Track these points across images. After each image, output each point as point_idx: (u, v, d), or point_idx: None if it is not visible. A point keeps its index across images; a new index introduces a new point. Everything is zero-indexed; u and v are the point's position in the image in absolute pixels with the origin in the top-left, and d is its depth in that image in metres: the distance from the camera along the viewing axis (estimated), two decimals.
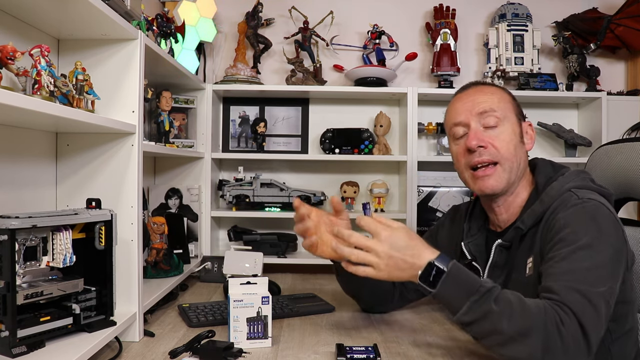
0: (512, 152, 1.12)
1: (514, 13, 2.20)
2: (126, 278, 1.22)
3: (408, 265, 0.99)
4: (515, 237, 1.11)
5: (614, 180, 1.25)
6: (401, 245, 1.00)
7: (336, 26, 2.28)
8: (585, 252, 0.95)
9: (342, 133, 2.13)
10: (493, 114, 1.13)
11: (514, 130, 1.14)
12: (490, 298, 0.92)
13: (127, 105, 1.23)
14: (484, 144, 1.12)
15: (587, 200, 1.02)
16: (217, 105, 2.21)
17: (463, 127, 1.16)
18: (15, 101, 0.77)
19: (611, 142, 1.31)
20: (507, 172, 1.12)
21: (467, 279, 0.96)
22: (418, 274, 0.98)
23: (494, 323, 0.90)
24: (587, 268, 0.93)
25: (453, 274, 0.96)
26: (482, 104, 1.14)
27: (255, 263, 1.62)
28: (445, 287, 0.95)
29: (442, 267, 0.96)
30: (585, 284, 0.91)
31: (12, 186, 1.13)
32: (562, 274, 0.94)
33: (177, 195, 2.00)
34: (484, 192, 1.15)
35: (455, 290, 0.95)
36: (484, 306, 0.91)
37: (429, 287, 0.97)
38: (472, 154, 1.13)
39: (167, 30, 1.61)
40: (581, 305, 0.89)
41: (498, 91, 1.18)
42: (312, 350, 1.14)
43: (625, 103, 2.16)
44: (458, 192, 2.14)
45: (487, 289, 0.93)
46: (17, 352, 0.90)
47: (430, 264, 0.97)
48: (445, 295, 0.96)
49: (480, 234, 1.24)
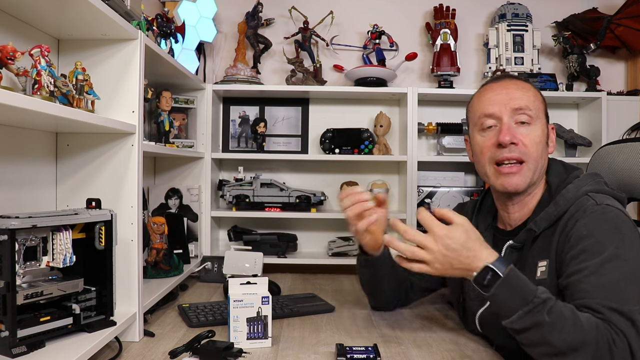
0: (539, 152, 1.11)
1: (514, 13, 2.20)
2: (126, 278, 1.22)
3: (464, 266, 0.98)
4: (527, 238, 1.10)
5: (615, 181, 1.25)
6: (456, 246, 0.98)
7: (336, 26, 2.28)
8: (613, 263, 0.93)
9: (342, 133, 2.13)
10: (527, 111, 1.10)
11: (543, 131, 1.13)
12: (543, 310, 0.90)
13: (127, 105, 1.23)
14: (516, 141, 1.09)
15: (606, 207, 1.01)
16: (217, 105, 2.21)
17: (494, 120, 1.13)
18: (15, 101, 0.77)
19: (612, 143, 1.31)
20: (531, 172, 1.11)
21: (524, 287, 0.93)
22: (473, 275, 0.97)
23: (544, 335, 0.89)
24: (619, 281, 0.92)
25: (509, 280, 0.93)
26: (519, 100, 1.11)
27: (255, 263, 1.62)
28: (499, 293, 0.93)
29: (499, 271, 0.94)
30: (624, 303, 0.89)
31: (12, 186, 1.13)
32: (596, 291, 0.92)
33: (177, 195, 2.00)
34: (506, 189, 1.13)
35: (509, 297, 0.93)
36: (536, 317, 0.89)
37: (483, 290, 0.95)
38: (501, 149, 1.10)
39: (167, 30, 1.61)
40: (627, 327, 0.88)
41: (533, 89, 1.16)
42: (312, 350, 1.14)
43: (625, 103, 2.16)
44: (458, 192, 2.14)
45: (541, 300, 0.91)
46: (17, 352, 0.90)
47: (487, 267, 0.95)
48: (498, 300, 0.94)
49: (487, 232, 1.23)
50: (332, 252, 2.11)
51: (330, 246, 2.13)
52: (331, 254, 2.11)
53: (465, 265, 0.98)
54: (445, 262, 0.99)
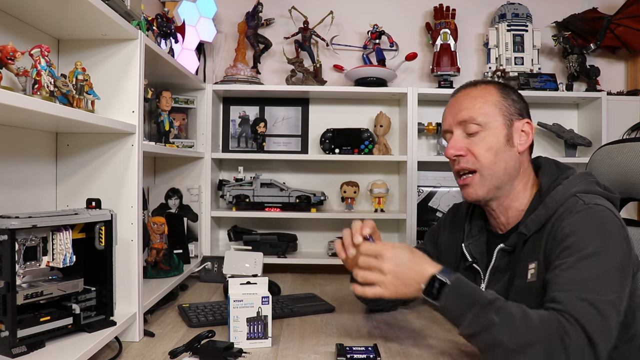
0: (492, 159, 1.10)
1: (514, 13, 2.20)
2: (126, 278, 1.22)
3: (413, 280, 1.00)
4: (518, 241, 1.10)
5: (615, 181, 1.25)
6: (404, 260, 1.02)
7: (336, 26, 2.28)
8: (592, 260, 0.93)
9: (342, 133, 2.13)
10: (472, 122, 1.11)
11: (497, 135, 1.11)
12: (491, 310, 0.91)
13: (127, 105, 1.23)
14: (462, 152, 1.12)
15: (594, 206, 1.00)
16: (217, 105, 2.21)
17: (449, 133, 1.17)
18: (15, 101, 0.77)
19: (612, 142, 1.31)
20: (487, 180, 1.11)
21: (470, 291, 0.97)
22: (422, 288, 0.99)
23: (495, 335, 0.90)
24: (594, 276, 0.92)
25: (455, 287, 0.97)
26: (463, 112, 1.13)
27: (255, 263, 1.62)
28: (448, 300, 0.96)
29: (445, 279, 0.97)
30: (594, 293, 0.90)
31: (12, 186, 1.13)
32: (568, 283, 0.93)
33: (177, 195, 2.00)
34: (467, 199, 1.17)
35: (458, 302, 0.96)
36: (486, 318, 0.91)
37: (434, 300, 0.98)
38: (453, 162, 1.15)
39: (167, 30, 1.61)
40: (589, 315, 0.88)
41: (485, 94, 1.14)
42: (312, 350, 1.14)
43: (625, 103, 2.16)
44: (458, 192, 2.13)
45: (489, 300, 0.93)
46: (17, 352, 0.90)
47: (434, 277, 0.98)
48: (448, 307, 0.97)
49: (481, 235, 1.23)
50: (332, 252, 2.11)
51: (330, 246, 2.13)
52: (331, 254, 2.11)
53: (415, 279, 1.00)
54: (396, 280, 1.01)
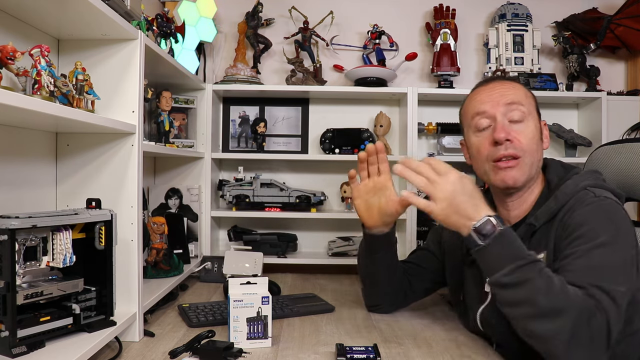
0: (534, 148, 1.13)
1: (514, 13, 2.20)
2: (126, 278, 1.22)
3: (467, 213, 1.00)
4: (526, 233, 1.11)
5: (613, 181, 1.25)
6: (468, 190, 1.01)
7: (336, 26, 2.28)
8: (605, 249, 0.95)
9: (342, 133, 2.13)
10: (520, 107, 1.13)
11: (537, 127, 1.15)
12: (535, 268, 0.93)
13: (127, 105, 1.23)
14: (511, 138, 1.12)
15: (604, 199, 1.03)
16: (217, 105, 2.21)
17: (487, 119, 1.15)
18: (15, 101, 0.77)
19: (610, 143, 1.31)
20: (528, 167, 1.13)
21: (519, 245, 0.98)
22: (472, 225, 0.99)
23: (531, 293, 0.91)
24: (607, 266, 0.93)
25: (506, 235, 0.97)
26: (511, 95, 1.14)
27: (255, 263, 1.62)
28: (495, 244, 0.97)
29: (498, 226, 0.98)
30: (609, 282, 0.91)
31: (12, 186, 1.13)
32: (583, 270, 0.94)
33: (177, 195, 2.00)
34: (506, 184, 1.14)
35: (504, 250, 0.96)
36: (527, 273, 0.92)
37: (481, 239, 0.98)
38: (497, 147, 1.13)
39: (167, 30, 1.61)
40: (608, 304, 0.89)
41: (522, 87, 1.19)
42: (312, 350, 1.14)
43: (625, 103, 2.16)
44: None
45: (534, 259, 0.94)
46: (17, 352, 0.90)
47: (488, 219, 0.98)
48: (492, 252, 0.97)
49: None
50: (332, 252, 2.11)
51: (330, 246, 2.13)
52: (331, 254, 2.11)
53: (469, 213, 1.00)
54: (453, 204, 1.01)
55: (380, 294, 1.41)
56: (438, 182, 1.02)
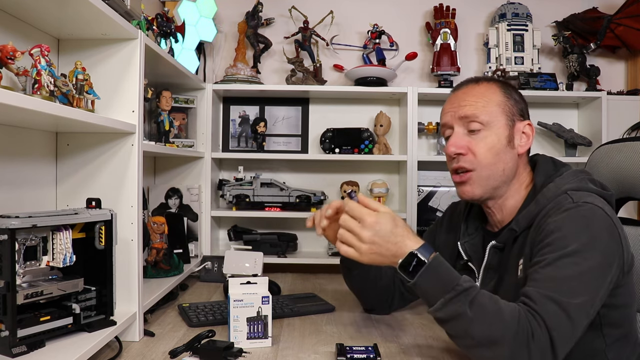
0: (491, 160, 1.09)
1: (514, 13, 2.20)
2: (126, 278, 1.22)
3: (390, 253, 0.99)
4: (509, 238, 1.10)
5: (613, 180, 1.25)
6: (385, 232, 0.99)
7: (336, 26, 2.28)
8: (572, 258, 0.93)
9: (342, 133, 2.13)
10: (475, 119, 1.10)
11: (499, 135, 1.10)
12: (465, 299, 0.91)
13: (127, 105, 1.23)
14: (463, 151, 1.10)
15: (582, 204, 0.99)
16: (217, 105, 2.21)
17: (449, 129, 1.15)
18: (15, 101, 0.77)
19: (611, 142, 1.31)
20: (484, 180, 1.10)
21: (447, 274, 0.95)
22: (398, 262, 0.98)
23: (464, 325, 0.90)
24: (570, 277, 0.91)
25: (433, 267, 0.95)
26: (466, 108, 1.11)
27: (255, 263, 1.62)
28: (423, 279, 0.95)
29: (423, 258, 0.96)
30: (566, 295, 0.90)
31: (13, 186, 1.13)
32: (544, 281, 0.92)
33: (177, 195, 2.00)
34: (462, 198, 1.15)
35: (433, 283, 0.95)
36: (457, 306, 0.91)
37: (408, 277, 0.97)
38: (452, 159, 1.13)
39: (167, 30, 1.61)
40: (556, 318, 0.88)
41: (488, 92, 1.13)
42: (312, 350, 1.14)
43: (625, 103, 2.16)
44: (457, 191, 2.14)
45: (463, 288, 0.92)
46: (17, 352, 0.90)
47: (412, 254, 0.96)
48: (422, 287, 0.96)
49: (477, 234, 1.22)
50: (332, 252, 2.11)
51: (330, 246, 2.13)
52: (331, 254, 2.11)
53: (392, 252, 0.98)
54: (373, 249, 0.99)
55: (372, 300, 1.42)
56: (356, 231, 1.00)
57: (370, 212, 1.01)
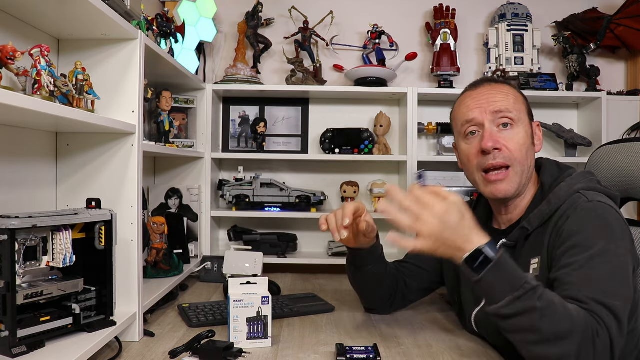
0: (524, 155, 1.10)
1: (514, 13, 2.20)
2: (126, 278, 1.22)
3: (456, 245, 0.94)
4: (520, 237, 1.10)
5: (614, 181, 1.25)
6: (453, 223, 0.94)
7: (336, 26, 2.28)
8: (603, 258, 0.94)
9: (342, 133, 2.13)
10: (508, 114, 1.10)
11: (527, 132, 1.12)
12: (534, 296, 0.89)
13: (127, 105, 1.23)
14: (499, 147, 1.09)
15: (597, 203, 1.01)
16: (217, 105, 2.21)
17: (476, 126, 1.13)
18: (15, 101, 0.77)
19: (611, 142, 1.31)
20: (518, 176, 1.11)
21: (514, 272, 0.93)
22: (464, 257, 0.94)
23: (533, 321, 0.88)
24: (607, 276, 0.92)
25: (500, 265, 0.92)
26: (498, 103, 1.11)
27: (255, 263, 1.62)
28: (489, 277, 0.92)
29: (491, 255, 0.92)
30: (610, 297, 0.90)
31: (12, 186, 1.13)
32: (583, 283, 0.92)
33: (177, 195, 2.00)
34: (496, 197, 1.13)
35: (500, 281, 0.92)
36: (527, 303, 0.89)
37: (473, 272, 0.93)
38: (486, 156, 1.11)
39: (167, 30, 1.61)
40: (610, 321, 0.88)
41: (512, 90, 1.16)
42: (312, 350, 1.14)
43: (625, 103, 2.16)
44: (458, 192, 2.14)
45: (532, 286, 0.90)
46: (17, 352, 0.90)
47: (479, 250, 0.93)
48: (488, 284, 0.93)
49: None
50: (332, 252, 2.11)
51: (330, 246, 2.13)
52: (331, 254, 2.11)
53: (458, 245, 0.94)
54: (439, 240, 0.95)
55: (375, 300, 1.41)
56: (422, 217, 0.94)
57: (440, 199, 0.95)
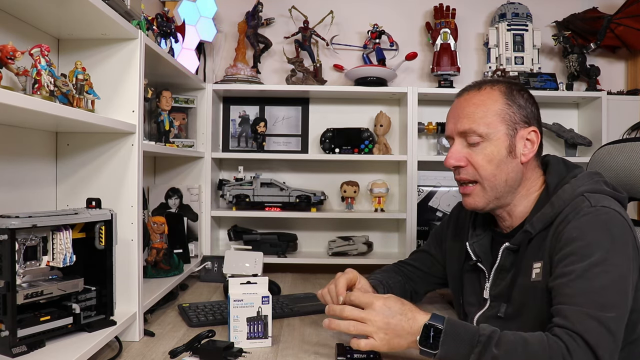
0: (492, 171, 1.08)
1: (514, 13, 2.20)
2: (126, 278, 1.22)
3: (405, 331, 0.98)
4: (523, 240, 1.08)
5: (615, 180, 1.25)
6: (395, 311, 1.00)
7: (336, 26, 2.28)
8: (601, 267, 0.92)
9: (342, 133, 2.13)
10: (473, 133, 1.08)
11: (498, 147, 1.08)
12: (491, 344, 0.91)
13: (127, 105, 1.23)
14: (462, 163, 1.10)
15: (600, 209, 0.98)
16: (217, 105, 2.21)
17: (451, 139, 1.15)
18: (15, 101, 0.77)
19: (613, 142, 1.31)
20: (487, 191, 1.10)
21: (466, 329, 0.96)
22: (417, 339, 0.97)
23: None
24: (603, 287, 0.91)
25: (451, 331, 0.95)
26: (463, 121, 1.09)
27: (255, 263, 1.62)
28: (447, 346, 0.94)
29: (439, 326, 0.95)
30: (602, 309, 0.89)
31: (13, 186, 1.13)
32: (577, 296, 0.92)
33: (177, 195, 2.00)
34: (467, 208, 1.16)
35: (457, 346, 0.94)
36: (488, 354, 0.90)
37: (431, 349, 0.95)
38: (454, 170, 1.13)
39: (167, 29, 1.61)
40: (597, 334, 0.88)
41: (488, 100, 1.09)
42: (312, 350, 1.14)
43: (625, 103, 2.16)
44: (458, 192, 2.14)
45: (487, 336, 0.92)
46: (17, 352, 0.90)
47: (427, 325, 0.96)
48: (449, 353, 0.94)
49: (485, 234, 1.21)
50: (332, 252, 2.11)
51: (330, 246, 2.13)
52: (331, 254, 2.11)
53: (407, 329, 0.98)
54: (389, 331, 0.99)
55: None
56: (366, 317, 1.00)
57: (376, 296, 1.03)
